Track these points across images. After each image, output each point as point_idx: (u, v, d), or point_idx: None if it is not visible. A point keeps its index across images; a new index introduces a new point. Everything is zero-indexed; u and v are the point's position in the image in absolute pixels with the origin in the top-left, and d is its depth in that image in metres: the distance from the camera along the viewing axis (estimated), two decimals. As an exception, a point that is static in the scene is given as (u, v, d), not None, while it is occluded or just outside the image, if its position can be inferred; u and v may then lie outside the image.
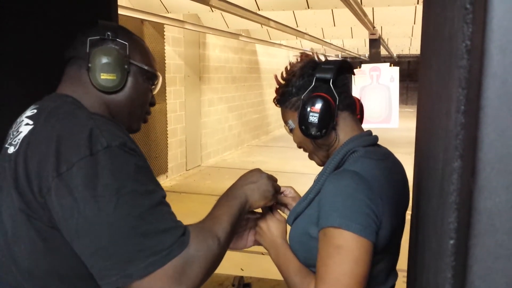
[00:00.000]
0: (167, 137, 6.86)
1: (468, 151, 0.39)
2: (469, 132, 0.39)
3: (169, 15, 6.06)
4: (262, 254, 3.97)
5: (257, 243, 1.23)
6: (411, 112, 15.09)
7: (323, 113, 1.03)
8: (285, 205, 1.27)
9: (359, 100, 1.19)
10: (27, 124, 0.89)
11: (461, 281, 0.40)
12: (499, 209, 0.36)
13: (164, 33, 6.57)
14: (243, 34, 8.55)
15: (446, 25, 0.58)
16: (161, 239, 0.79)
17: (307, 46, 11.70)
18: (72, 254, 0.82)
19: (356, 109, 1.15)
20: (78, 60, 0.98)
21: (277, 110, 1.19)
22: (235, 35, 8.14)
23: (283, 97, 1.14)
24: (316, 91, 1.06)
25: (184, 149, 7.48)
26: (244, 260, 3.90)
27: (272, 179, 1.10)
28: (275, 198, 1.11)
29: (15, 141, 0.88)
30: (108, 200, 0.77)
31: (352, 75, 1.18)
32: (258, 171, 1.10)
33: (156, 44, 6.32)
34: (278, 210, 1.21)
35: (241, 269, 3.65)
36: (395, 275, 1.12)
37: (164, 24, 6.14)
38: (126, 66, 0.97)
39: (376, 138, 1.13)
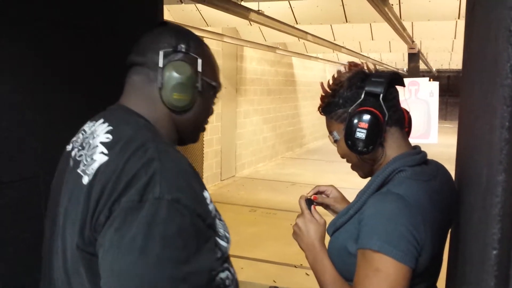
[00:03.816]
0: (203, 147, 6.99)
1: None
2: (512, 147, 0.42)
3: (208, 28, 6.22)
4: (295, 267, 3.97)
5: None
6: (451, 128, 14.66)
7: (371, 129, 0.99)
8: (326, 205, 1.26)
9: (408, 112, 1.14)
10: (102, 153, 0.84)
11: (504, 289, 0.42)
12: (541, 220, 0.38)
13: (203, 45, 6.75)
14: (280, 47, 8.63)
15: (490, 45, 0.60)
16: None
17: (344, 59, 11.67)
18: None
19: (404, 123, 1.11)
20: (145, 69, 0.92)
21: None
22: (272, 48, 8.24)
23: (328, 107, 1.09)
24: (365, 105, 1.02)
25: (219, 159, 7.59)
26: (277, 272, 3.90)
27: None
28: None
29: (89, 170, 0.84)
30: (127, 253, 0.74)
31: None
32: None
33: (195, 56, 6.48)
34: (317, 210, 1.18)
35: (274, 280, 3.66)
36: None
37: (203, 37, 6.31)
38: (197, 85, 0.93)
39: (424, 156, 1.07)
